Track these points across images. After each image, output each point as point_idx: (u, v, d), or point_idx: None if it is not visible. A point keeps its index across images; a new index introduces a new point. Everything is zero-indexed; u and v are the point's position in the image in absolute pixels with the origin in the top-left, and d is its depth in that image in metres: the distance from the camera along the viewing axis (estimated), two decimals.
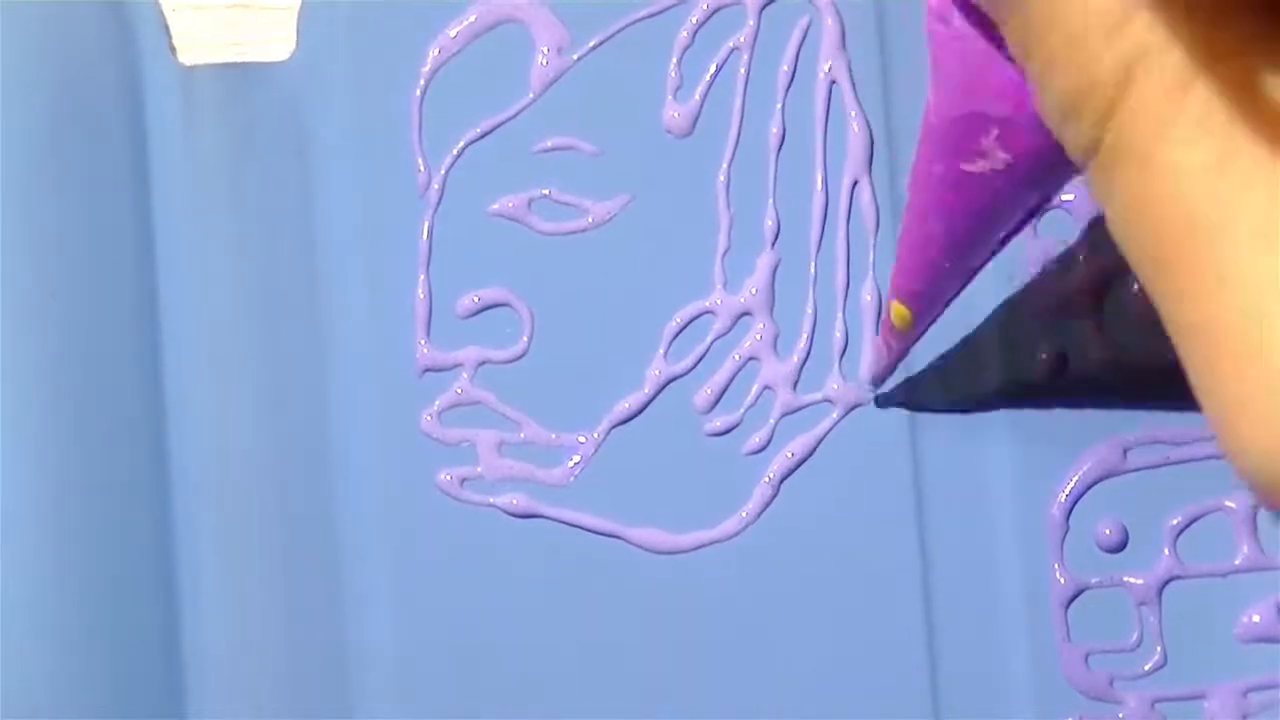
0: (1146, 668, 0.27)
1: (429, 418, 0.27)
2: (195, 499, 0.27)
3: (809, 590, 0.27)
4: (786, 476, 0.27)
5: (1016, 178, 0.20)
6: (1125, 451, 0.27)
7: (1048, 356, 0.27)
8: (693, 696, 0.27)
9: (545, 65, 0.28)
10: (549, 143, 0.28)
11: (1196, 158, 0.15)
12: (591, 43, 0.28)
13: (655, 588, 0.27)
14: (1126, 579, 0.27)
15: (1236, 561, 0.27)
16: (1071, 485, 0.27)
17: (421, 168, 0.27)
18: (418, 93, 0.28)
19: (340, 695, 0.27)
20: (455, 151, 0.28)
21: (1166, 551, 0.27)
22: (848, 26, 0.27)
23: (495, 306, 0.27)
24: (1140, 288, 0.27)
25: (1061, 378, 0.27)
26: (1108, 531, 0.27)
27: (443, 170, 0.27)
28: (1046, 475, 0.27)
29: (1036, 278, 0.27)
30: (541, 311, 0.27)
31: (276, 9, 0.28)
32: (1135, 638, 0.27)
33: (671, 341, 0.27)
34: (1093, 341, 0.27)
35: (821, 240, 0.27)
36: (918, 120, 0.27)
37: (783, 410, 0.27)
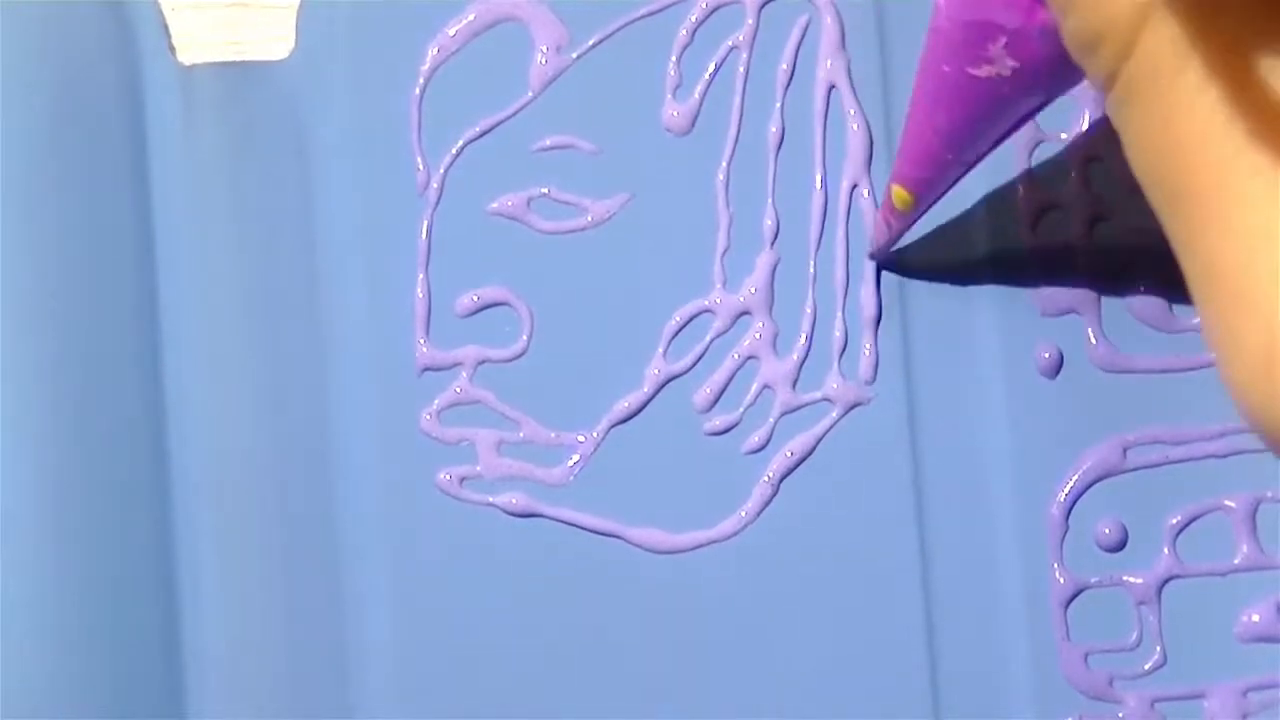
0: (1146, 667, 0.27)
1: (428, 417, 0.27)
2: (195, 499, 0.27)
3: (809, 590, 0.27)
4: (786, 476, 0.27)
5: (1022, 83, 0.20)
6: (1125, 451, 0.27)
7: (1048, 356, 0.27)
8: (693, 696, 0.27)
9: (544, 64, 0.28)
10: (548, 141, 0.28)
11: (1206, 103, 0.15)
12: (591, 41, 0.28)
13: (655, 587, 0.27)
14: (1126, 578, 0.27)
15: (1236, 561, 0.27)
16: (1071, 485, 0.27)
17: (421, 167, 0.27)
18: (417, 92, 0.28)
19: (340, 695, 0.27)
20: (454, 150, 0.27)
21: (1166, 551, 0.27)
22: (847, 26, 0.27)
23: (494, 305, 0.27)
24: (1141, 287, 0.27)
25: (1059, 373, 0.27)
26: (1107, 531, 0.27)
27: (442, 169, 0.27)
28: (1046, 475, 0.27)
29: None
30: (541, 310, 0.27)
31: (276, 8, 0.28)
32: (1135, 637, 0.27)
33: (671, 340, 0.27)
34: (1092, 341, 0.27)
35: (821, 239, 0.27)
36: None
37: (782, 409, 0.27)
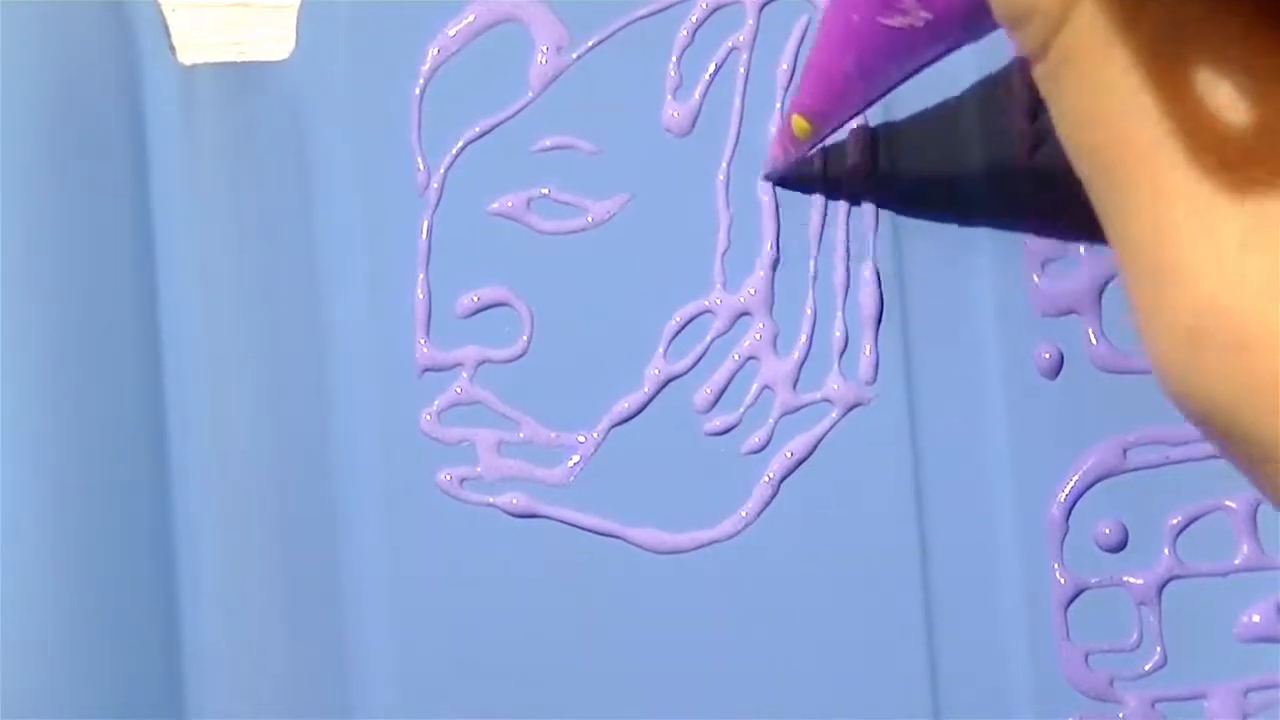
0: (1146, 668, 0.27)
1: (429, 417, 0.27)
2: (195, 499, 0.27)
3: (809, 590, 0.27)
4: (786, 476, 0.27)
5: (935, 33, 0.21)
6: (1125, 451, 0.27)
7: (1048, 356, 0.27)
8: (693, 696, 0.27)
9: (544, 64, 0.28)
10: (548, 142, 0.28)
11: (1134, 83, 0.15)
12: (591, 42, 0.28)
13: (655, 587, 0.27)
14: (1126, 579, 0.27)
15: (1236, 561, 0.27)
16: (1071, 485, 0.27)
17: (421, 167, 0.27)
18: (417, 92, 0.27)
19: (340, 695, 0.27)
20: (454, 151, 0.27)
21: (1166, 551, 0.27)
22: None
23: (495, 306, 0.27)
24: None
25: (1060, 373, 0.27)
26: (1108, 531, 0.27)
27: (442, 169, 0.27)
28: (1046, 475, 0.27)
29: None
30: (541, 311, 0.27)
31: (276, 9, 0.28)
32: (1135, 638, 0.27)
33: (671, 341, 0.27)
34: (1093, 341, 0.27)
35: (821, 239, 0.27)
36: (917, 120, 0.27)
37: (782, 410, 0.27)
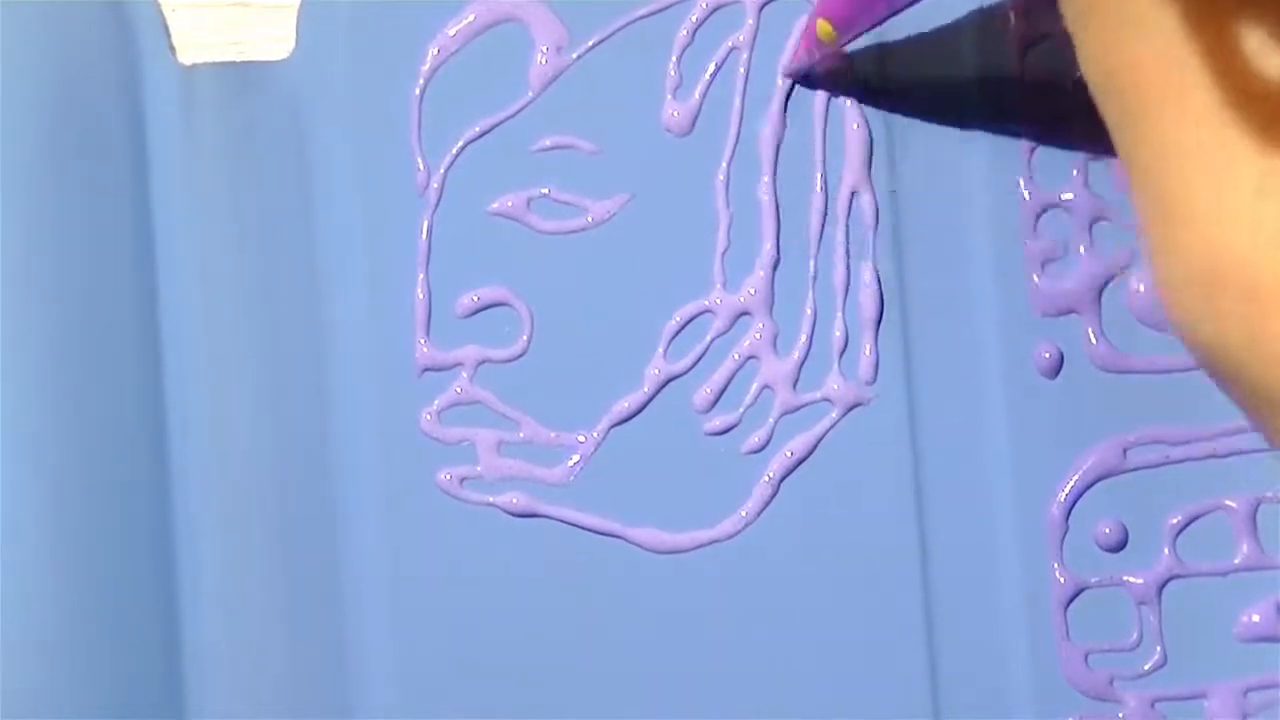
0: (1146, 667, 0.27)
1: (429, 417, 0.27)
2: (195, 499, 0.27)
3: (809, 590, 0.27)
4: (786, 476, 0.27)
5: None
6: (1125, 451, 0.27)
7: (1048, 356, 0.27)
8: (692, 696, 0.27)
9: (544, 64, 0.28)
10: (548, 141, 0.28)
11: (1165, 23, 0.15)
12: (591, 41, 0.28)
13: (655, 587, 0.27)
14: (1126, 578, 0.27)
15: (1236, 561, 0.27)
16: (1071, 485, 0.27)
17: (421, 167, 0.27)
18: (417, 92, 0.27)
19: (340, 695, 0.27)
20: (454, 150, 0.27)
21: (1166, 551, 0.27)
22: None
23: (494, 306, 0.27)
24: (1141, 287, 0.27)
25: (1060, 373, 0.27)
26: (1107, 531, 0.27)
27: (442, 169, 0.27)
28: (1046, 475, 0.27)
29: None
30: (541, 311, 0.27)
31: (276, 8, 0.28)
32: (1135, 637, 0.27)
33: (671, 341, 0.27)
34: (1093, 341, 0.27)
35: (821, 239, 0.27)
36: (917, 119, 0.27)
37: (782, 409, 0.27)
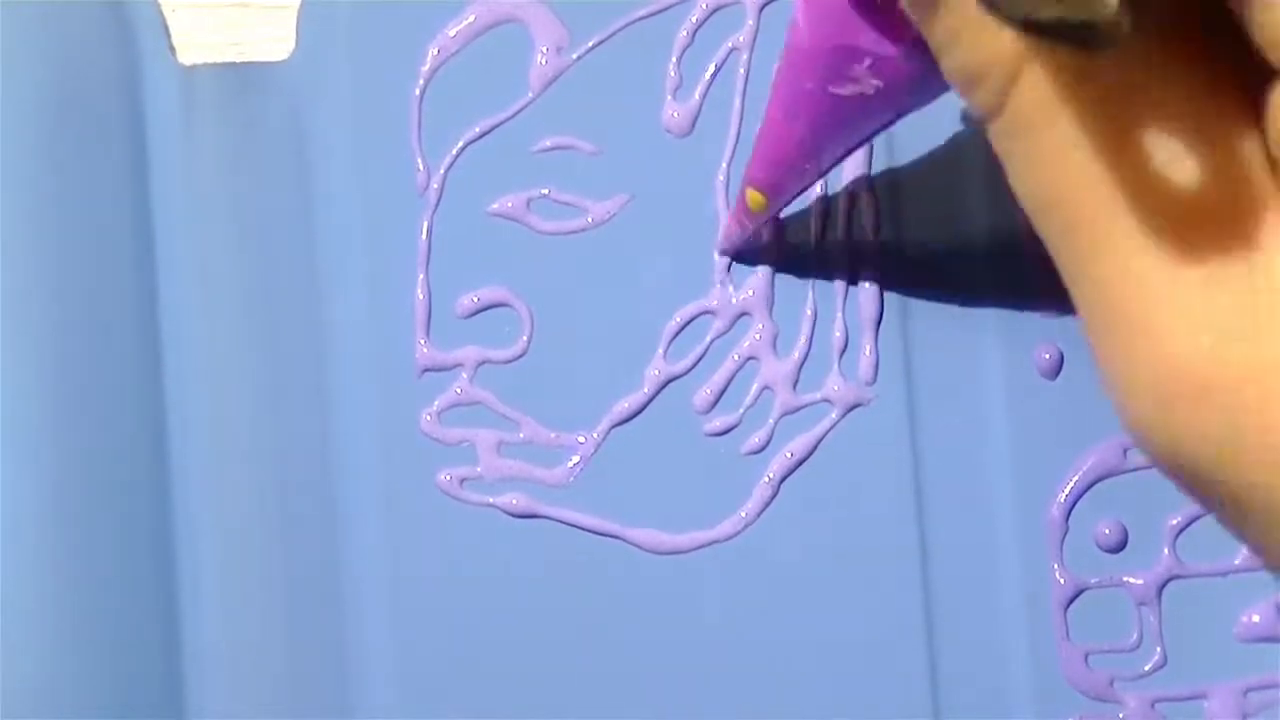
0: (1146, 668, 0.27)
1: (429, 418, 0.27)
2: (195, 499, 0.27)
3: (809, 590, 0.27)
4: (786, 476, 0.27)
5: (886, 100, 0.21)
6: (1125, 451, 0.27)
7: (1048, 356, 0.27)
8: (692, 696, 0.27)
9: (544, 65, 0.28)
10: (548, 142, 0.28)
11: (1085, 140, 0.15)
12: (591, 42, 0.28)
13: (654, 588, 0.27)
14: (1126, 579, 0.27)
15: (1236, 561, 0.27)
16: (1071, 485, 0.27)
17: (421, 167, 0.27)
18: (417, 92, 0.28)
19: (340, 695, 0.27)
20: (454, 151, 0.27)
21: (1166, 551, 0.27)
22: None
23: (494, 306, 0.27)
24: None
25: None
26: (1107, 531, 0.27)
27: (442, 170, 0.27)
28: (1046, 475, 0.27)
29: None
30: (541, 311, 0.27)
31: (276, 9, 0.28)
32: (1135, 638, 0.27)
33: (671, 341, 0.27)
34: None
35: (821, 240, 0.27)
36: (916, 121, 0.27)
37: (782, 410, 0.27)
